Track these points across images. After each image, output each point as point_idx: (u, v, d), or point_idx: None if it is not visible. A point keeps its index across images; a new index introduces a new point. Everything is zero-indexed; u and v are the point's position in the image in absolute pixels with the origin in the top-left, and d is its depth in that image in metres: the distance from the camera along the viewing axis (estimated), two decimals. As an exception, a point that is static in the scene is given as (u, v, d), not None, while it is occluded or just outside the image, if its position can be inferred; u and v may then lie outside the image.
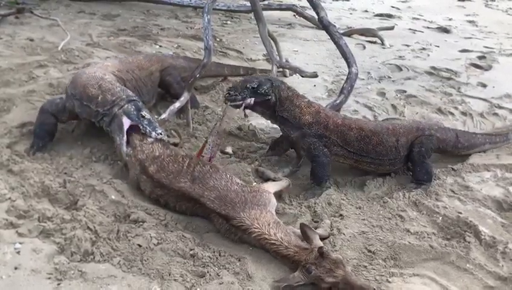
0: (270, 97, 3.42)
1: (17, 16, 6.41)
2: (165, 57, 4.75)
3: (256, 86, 3.38)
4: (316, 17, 4.82)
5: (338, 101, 4.09)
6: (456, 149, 3.74)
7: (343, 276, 2.43)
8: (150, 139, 3.32)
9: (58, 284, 2.44)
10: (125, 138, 3.34)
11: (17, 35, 5.69)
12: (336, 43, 4.34)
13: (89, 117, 3.58)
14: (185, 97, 3.95)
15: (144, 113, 3.41)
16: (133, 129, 3.38)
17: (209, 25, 3.92)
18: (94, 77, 3.63)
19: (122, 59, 4.25)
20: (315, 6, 4.60)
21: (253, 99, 3.39)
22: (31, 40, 5.58)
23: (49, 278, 2.48)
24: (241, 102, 3.37)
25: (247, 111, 3.52)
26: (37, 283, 2.44)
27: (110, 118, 3.43)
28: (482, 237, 2.92)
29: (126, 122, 3.36)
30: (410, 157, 3.51)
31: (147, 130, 3.34)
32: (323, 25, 4.51)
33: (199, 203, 2.95)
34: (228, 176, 3.07)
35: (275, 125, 3.73)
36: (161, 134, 3.34)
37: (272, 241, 2.69)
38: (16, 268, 2.52)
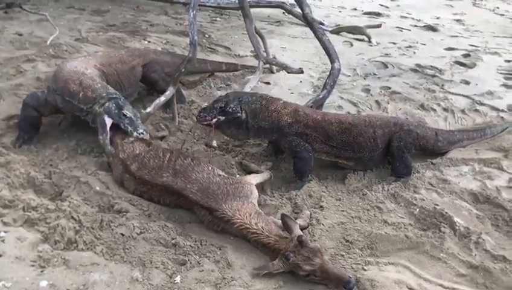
0: (239, 115, 3.42)
1: (6, 10, 6.43)
2: (147, 51, 4.73)
3: (223, 105, 3.41)
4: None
5: (320, 96, 4.16)
6: (437, 147, 3.82)
7: (321, 264, 2.51)
8: (130, 138, 3.34)
9: (42, 271, 2.50)
10: (108, 136, 3.34)
11: (6, 30, 5.71)
12: (319, 39, 4.41)
13: (73, 112, 3.60)
14: (170, 91, 3.99)
15: (125, 111, 3.38)
16: (117, 127, 3.38)
17: (195, 20, 3.97)
18: (75, 72, 3.61)
19: (104, 53, 4.26)
20: (300, 3, 4.67)
21: (221, 118, 3.39)
22: (20, 34, 5.60)
23: (33, 265, 2.53)
24: (209, 121, 3.41)
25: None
26: (21, 270, 2.49)
27: (93, 115, 3.44)
28: (457, 227, 3.00)
29: (108, 121, 3.36)
30: (390, 152, 3.58)
31: (129, 130, 3.34)
32: (307, 21, 4.58)
33: (182, 196, 3.00)
34: (210, 168, 3.13)
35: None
36: (143, 133, 3.32)
37: (253, 231, 2.75)
38: (0, 255, 2.57)
